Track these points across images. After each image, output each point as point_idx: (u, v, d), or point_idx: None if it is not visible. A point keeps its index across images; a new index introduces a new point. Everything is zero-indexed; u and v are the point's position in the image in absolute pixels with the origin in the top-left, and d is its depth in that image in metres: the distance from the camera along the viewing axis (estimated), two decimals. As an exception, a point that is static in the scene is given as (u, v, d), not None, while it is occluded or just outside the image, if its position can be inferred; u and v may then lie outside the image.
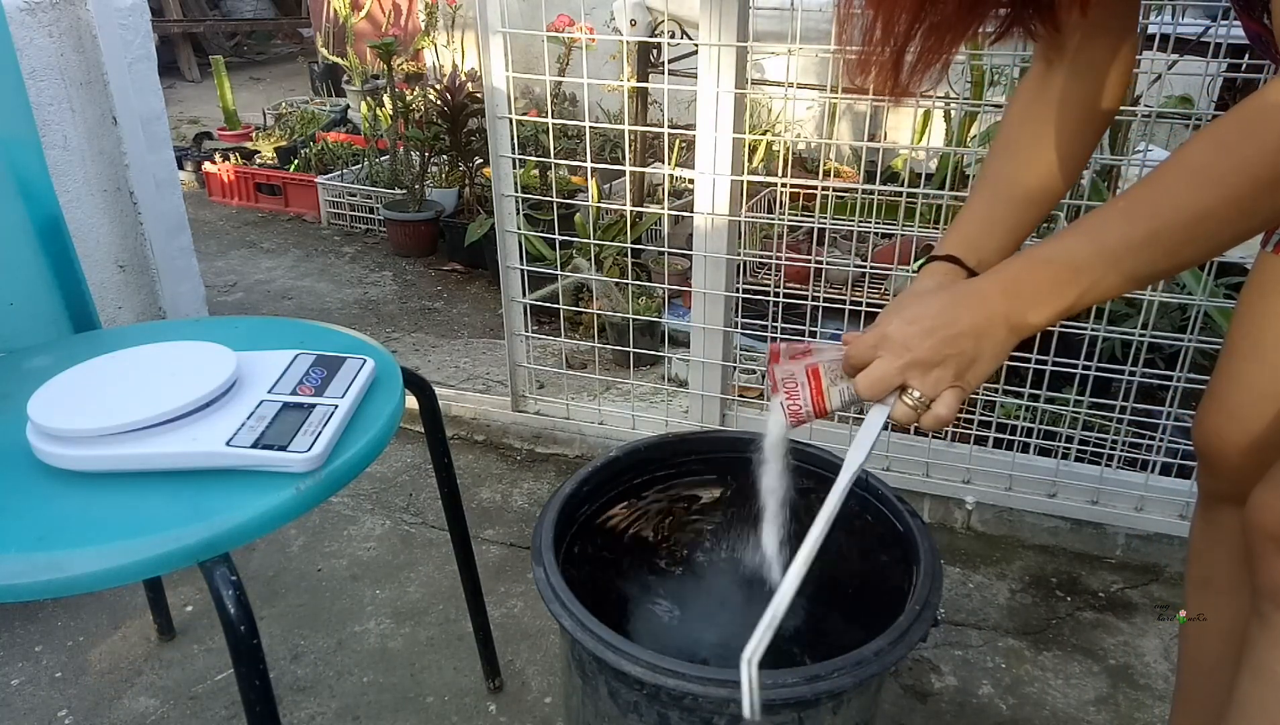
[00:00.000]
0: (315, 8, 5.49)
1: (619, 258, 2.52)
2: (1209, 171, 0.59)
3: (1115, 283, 0.64)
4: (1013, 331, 0.67)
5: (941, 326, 0.67)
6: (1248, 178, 0.57)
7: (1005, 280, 0.67)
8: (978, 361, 0.67)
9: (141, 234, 2.02)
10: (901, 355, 0.68)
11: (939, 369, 0.68)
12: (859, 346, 0.71)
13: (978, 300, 0.67)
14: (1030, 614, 1.51)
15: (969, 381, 0.68)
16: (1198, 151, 0.60)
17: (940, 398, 0.68)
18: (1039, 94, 0.83)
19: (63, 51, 1.80)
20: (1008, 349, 0.68)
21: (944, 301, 0.68)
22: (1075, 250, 0.64)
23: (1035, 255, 0.66)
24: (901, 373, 0.69)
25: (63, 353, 1.01)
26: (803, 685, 0.75)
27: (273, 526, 0.75)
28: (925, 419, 0.69)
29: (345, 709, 1.32)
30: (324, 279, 3.06)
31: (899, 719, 1.31)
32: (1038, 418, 1.67)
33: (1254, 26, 0.74)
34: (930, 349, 0.67)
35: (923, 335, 0.67)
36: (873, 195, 1.63)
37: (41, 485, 0.77)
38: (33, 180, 1.15)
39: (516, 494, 1.83)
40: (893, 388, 0.70)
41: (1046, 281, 0.65)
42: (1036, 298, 0.65)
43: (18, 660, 1.40)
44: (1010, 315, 0.66)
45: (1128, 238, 0.62)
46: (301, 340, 1.01)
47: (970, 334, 0.67)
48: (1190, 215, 0.60)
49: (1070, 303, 0.65)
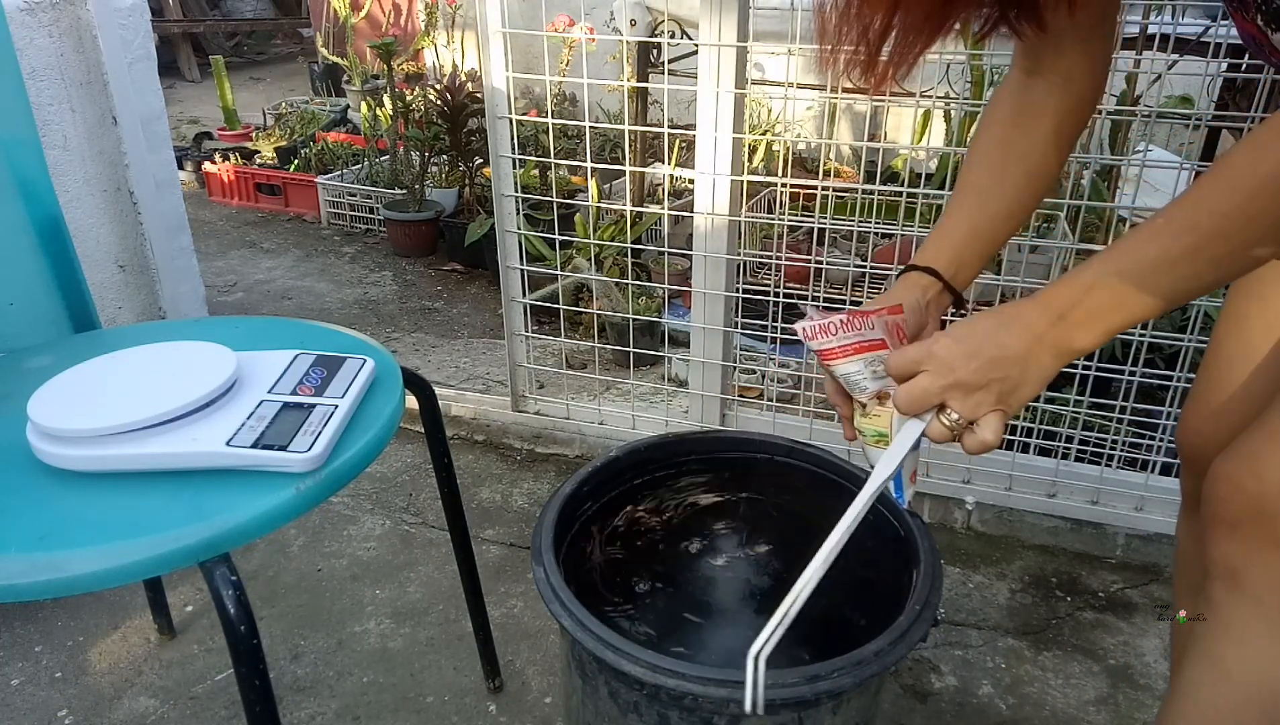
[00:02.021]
0: (315, 8, 5.49)
1: (619, 258, 2.52)
2: (1248, 179, 0.58)
3: (1162, 298, 0.64)
4: (1058, 357, 0.67)
5: (988, 350, 0.67)
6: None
7: (1052, 306, 0.66)
8: (1022, 386, 0.67)
9: (141, 234, 2.02)
10: (945, 375, 0.68)
11: (981, 392, 0.67)
12: (902, 358, 0.71)
13: (1024, 325, 0.67)
14: (1030, 614, 1.51)
15: (1012, 405, 0.68)
16: (1235, 160, 0.60)
17: (984, 421, 0.68)
18: (1020, 105, 0.82)
19: (63, 51, 1.80)
20: (1053, 373, 0.68)
21: (991, 325, 0.68)
22: (1117, 271, 0.64)
23: (1079, 280, 0.66)
24: (943, 392, 0.68)
25: (63, 353, 1.01)
26: (803, 685, 0.75)
27: (273, 526, 0.75)
28: (969, 442, 0.69)
29: (345, 709, 1.32)
30: (324, 279, 3.06)
31: (899, 719, 1.31)
32: (1038, 418, 1.67)
33: (1248, 27, 0.73)
34: (975, 372, 0.67)
35: (968, 357, 0.67)
36: (873, 195, 1.63)
37: (41, 485, 0.77)
38: (33, 180, 1.15)
39: (516, 494, 1.83)
40: (931, 406, 0.70)
41: (1093, 305, 0.65)
42: (1082, 322, 0.65)
43: (18, 660, 1.40)
44: (1057, 341, 0.66)
45: (1169, 253, 0.62)
46: (301, 340, 1.01)
47: (1017, 360, 0.66)
48: (1230, 227, 0.60)
49: (1117, 324, 0.65)
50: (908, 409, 0.70)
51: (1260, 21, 0.69)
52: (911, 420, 0.71)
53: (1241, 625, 0.76)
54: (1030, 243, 1.67)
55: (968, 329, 0.69)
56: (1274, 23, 0.69)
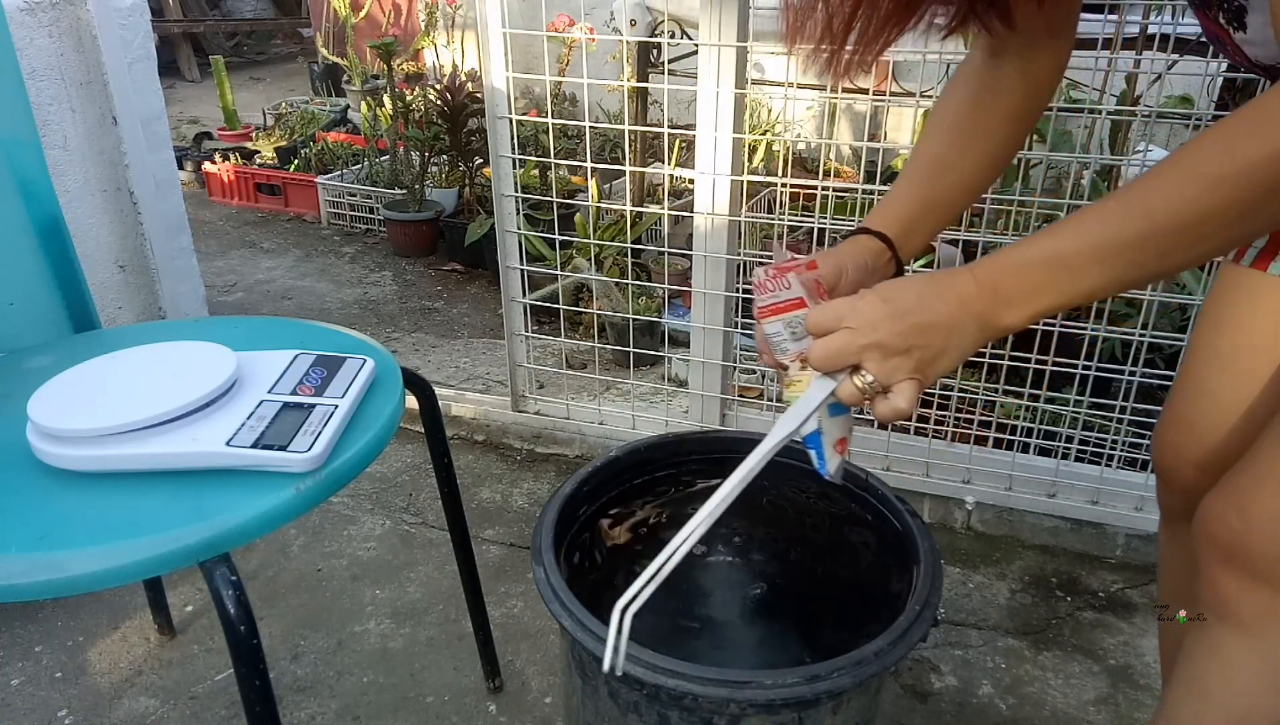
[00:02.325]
0: (315, 8, 5.49)
1: (619, 258, 2.52)
2: (1209, 173, 0.56)
3: (1099, 284, 0.61)
4: (983, 331, 0.64)
5: (915, 313, 0.64)
6: (1250, 181, 0.55)
7: (987, 278, 0.64)
8: (942, 356, 0.65)
9: (141, 234, 2.02)
10: (867, 334, 0.64)
11: (900, 357, 0.64)
12: (825, 312, 0.67)
13: (955, 294, 0.64)
14: (1030, 614, 1.51)
15: (929, 375, 0.65)
16: (1198, 153, 0.58)
17: (899, 387, 0.65)
18: (981, 85, 0.81)
19: (63, 51, 1.80)
20: (975, 347, 0.65)
21: (921, 288, 0.65)
22: (1060, 250, 0.61)
23: (1019, 255, 0.63)
24: (861, 352, 0.65)
25: (63, 353, 1.01)
26: (803, 685, 0.75)
27: (273, 526, 0.75)
28: (882, 408, 0.66)
29: (345, 709, 1.32)
30: (324, 279, 3.06)
31: (899, 719, 1.31)
32: (1038, 418, 1.67)
33: (1210, 25, 0.73)
34: (898, 334, 0.64)
35: (893, 317, 0.64)
36: (873, 195, 1.62)
37: (41, 485, 0.77)
38: (33, 180, 1.15)
39: (516, 494, 1.83)
40: (847, 364, 0.66)
41: (1028, 283, 0.62)
42: (1015, 300, 0.63)
43: (18, 660, 1.40)
44: (985, 314, 0.64)
45: (1117, 238, 0.59)
46: (301, 340, 1.01)
47: (942, 327, 0.64)
48: (1187, 217, 0.57)
49: (1050, 306, 0.63)
50: (822, 365, 0.67)
51: (1222, 20, 0.69)
52: (823, 377, 0.68)
53: (1229, 652, 0.78)
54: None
55: (897, 289, 0.66)
56: (1235, 21, 0.68)
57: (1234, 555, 0.75)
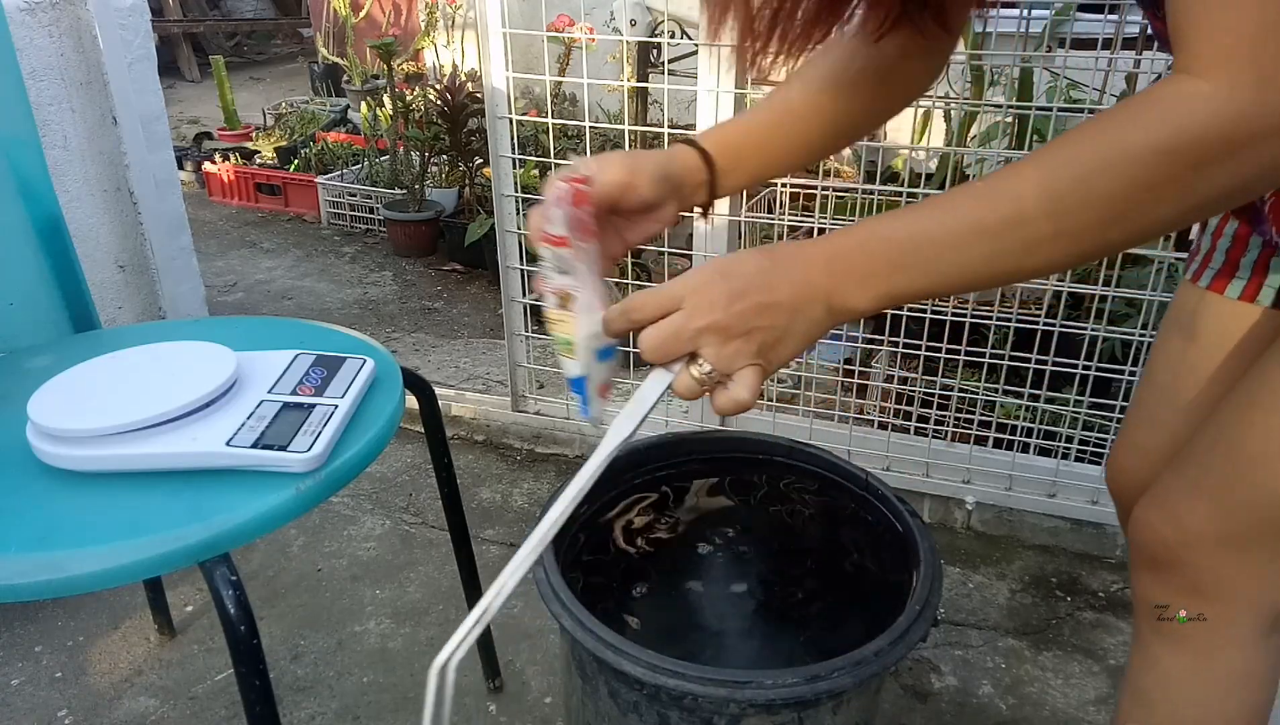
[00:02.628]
0: (315, 8, 5.49)
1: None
2: (1085, 162, 0.51)
3: (958, 272, 0.55)
4: (830, 312, 0.58)
5: (755, 292, 0.57)
6: (1126, 175, 0.50)
7: (833, 253, 0.58)
8: (785, 339, 0.58)
9: (141, 234, 2.02)
10: (704, 315, 0.57)
11: (740, 341, 0.57)
12: (656, 295, 0.60)
13: (800, 270, 0.58)
14: (1030, 614, 1.51)
15: (771, 361, 0.59)
16: (1077, 141, 0.52)
17: (739, 376, 0.59)
18: (867, 60, 0.76)
19: (63, 51, 1.80)
20: (821, 331, 0.59)
21: (762, 263, 0.58)
22: (917, 229, 0.56)
23: (871, 229, 0.57)
24: (697, 336, 0.58)
25: (63, 353, 1.01)
26: (803, 685, 0.75)
27: (273, 526, 0.75)
28: (721, 399, 0.60)
29: (345, 709, 1.32)
30: (324, 279, 3.06)
31: (899, 719, 1.31)
32: (1038, 418, 1.67)
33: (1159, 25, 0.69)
34: (738, 315, 0.57)
35: (732, 297, 0.57)
36: (873, 195, 1.62)
37: (41, 485, 0.77)
38: (33, 180, 1.15)
39: (516, 494, 1.83)
40: (683, 352, 0.59)
41: (881, 262, 0.56)
42: (863, 278, 0.57)
43: (18, 660, 1.40)
44: (832, 293, 0.57)
45: (980, 221, 0.54)
46: (301, 340, 1.01)
47: (786, 307, 0.57)
48: (1057, 207, 0.51)
49: (902, 289, 0.57)
50: (654, 355, 0.60)
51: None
52: (657, 370, 0.61)
53: (1166, 664, 0.78)
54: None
55: (735, 265, 0.59)
56: None
57: (1167, 566, 0.75)
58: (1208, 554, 0.72)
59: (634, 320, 0.61)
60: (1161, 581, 0.76)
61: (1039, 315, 1.59)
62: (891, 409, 1.79)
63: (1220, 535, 0.71)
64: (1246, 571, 0.71)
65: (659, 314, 0.59)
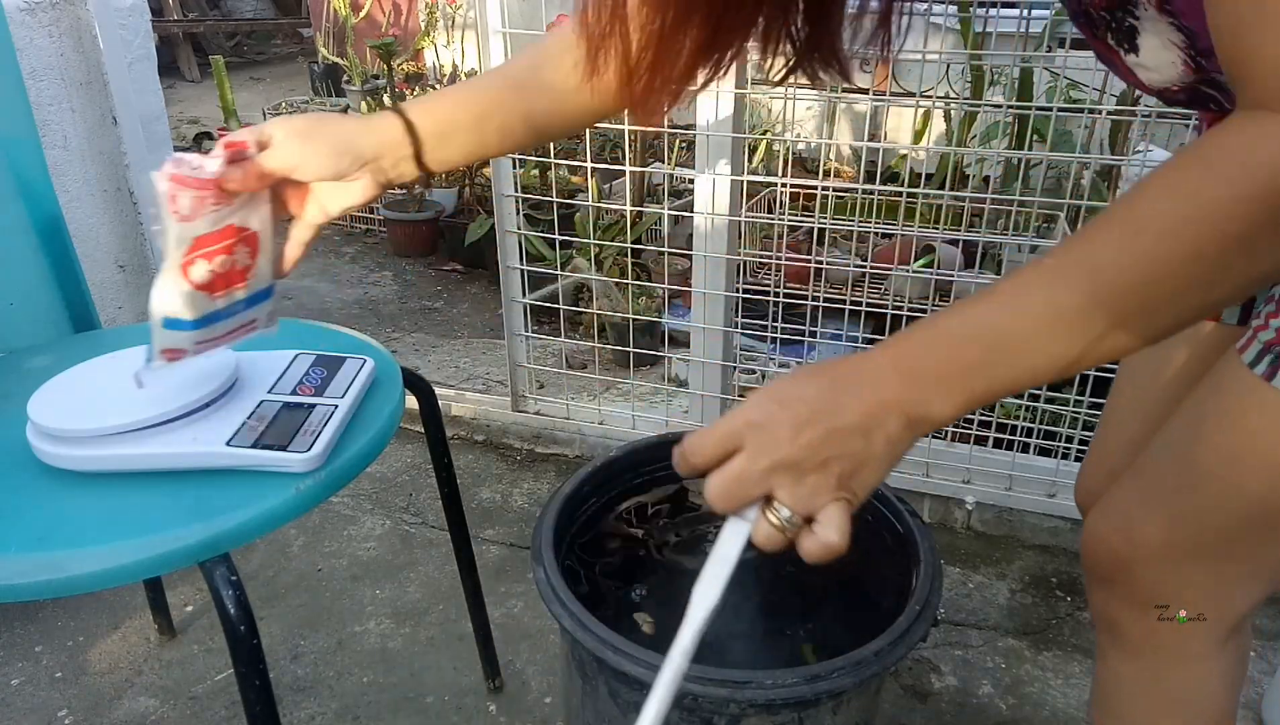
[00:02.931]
0: (315, 8, 5.49)
1: (619, 258, 2.52)
2: (1163, 222, 0.46)
3: (1048, 361, 0.49)
4: (910, 425, 0.51)
5: (821, 416, 0.51)
6: (1213, 229, 0.45)
7: (903, 359, 0.52)
8: (866, 463, 0.51)
9: (141, 234, 2.02)
10: (769, 452, 0.51)
11: (815, 475, 0.51)
12: (712, 436, 0.53)
13: (869, 385, 0.51)
14: (1030, 614, 1.51)
15: (857, 491, 0.52)
16: (1146, 200, 0.47)
17: (824, 515, 0.52)
18: (562, 79, 0.74)
19: (63, 51, 1.80)
20: (906, 447, 0.52)
21: (825, 383, 0.52)
22: (991, 322, 0.50)
23: (940, 328, 0.51)
24: (767, 477, 0.51)
25: (63, 353, 1.01)
26: (803, 685, 0.75)
27: (273, 526, 0.75)
28: (808, 545, 0.52)
29: (345, 709, 1.32)
30: (324, 279, 3.06)
31: (899, 719, 1.31)
32: (1038, 418, 1.67)
33: (1098, 46, 0.66)
34: (806, 447, 0.50)
35: (796, 428, 0.51)
36: (873, 195, 1.63)
37: (41, 485, 0.77)
38: (33, 180, 1.15)
39: (516, 494, 1.83)
40: (754, 497, 0.52)
41: (954, 363, 0.50)
42: (941, 384, 0.51)
43: (18, 660, 1.40)
44: (908, 405, 0.51)
45: (1057, 306, 0.48)
46: (301, 340, 1.01)
47: (858, 428, 0.51)
48: (1141, 275, 0.47)
49: (983, 391, 0.51)
50: (725, 504, 0.53)
51: (1111, 40, 0.63)
52: (731, 520, 0.54)
53: (1126, 676, 0.78)
54: (1030, 242, 1.67)
55: (794, 388, 0.52)
56: (1126, 43, 0.62)
57: (1120, 580, 0.74)
58: (1159, 566, 0.71)
59: (694, 465, 0.54)
60: (1116, 595, 0.75)
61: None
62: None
63: (1172, 548, 0.70)
64: (1199, 583, 0.71)
65: (719, 456, 0.53)
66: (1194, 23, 0.55)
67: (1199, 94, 0.63)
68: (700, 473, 0.54)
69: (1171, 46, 0.59)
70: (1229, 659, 0.75)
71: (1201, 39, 0.56)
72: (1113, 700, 0.79)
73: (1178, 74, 0.61)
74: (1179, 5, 0.55)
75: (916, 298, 1.72)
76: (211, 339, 0.76)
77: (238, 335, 0.79)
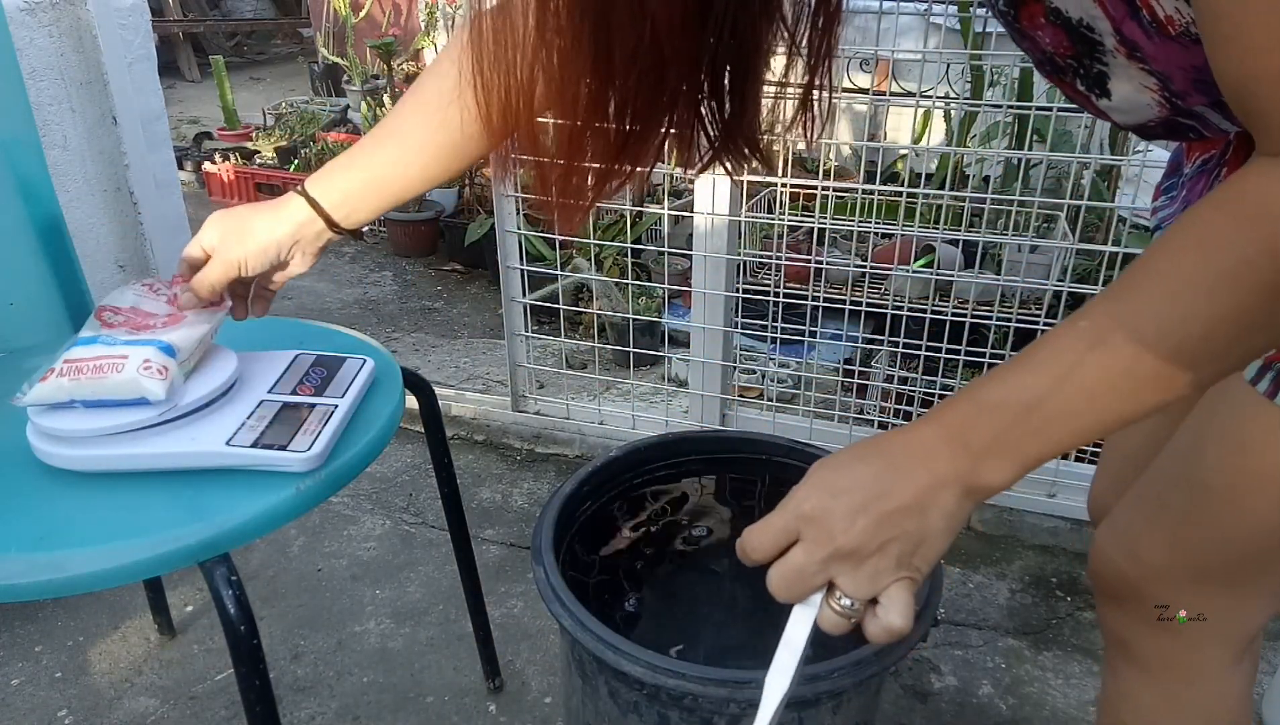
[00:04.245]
0: (315, 8, 5.49)
1: (619, 258, 2.52)
2: (1201, 279, 0.46)
3: (1093, 424, 0.49)
4: (968, 494, 0.51)
5: (875, 501, 0.51)
6: (1254, 281, 0.44)
7: (952, 432, 0.51)
8: (926, 541, 0.51)
9: (141, 234, 2.02)
10: (824, 543, 0.52)
11: (874, 559, 0.51)
12: (765, 532, 0.55)
13: (920, 462, 0.51)
14: (1030, 614, 1.51)
15: (919, 567, 0.52)
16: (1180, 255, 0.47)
17: (887, 598, 0.52)
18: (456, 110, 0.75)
19: (63, 51, 1.80)
20: (964, 517, 0.52)
21: (875, 466, 0.52)
22: (1036, 390, 0.49)
23: (985, 398, 0.51)
24: (825, 568, 0.52)
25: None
26: (803, 685, 0.75)
27: (273, 526, 0.75)
28: (873, 630, 0.53)
29: (345, 709, 1.32)
30: (324, 279, 3.06)
31: (899, 719, 1.31)
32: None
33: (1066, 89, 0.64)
34: (861, 533, 0.51)
35: (850, 515, 0.51)
36: (873, 195, 1.62)
37: (41, 485, 0.77)
38: (33, 180, 1.15)
39: (516, 494, 1.83)
40: (815, 587, 0.54)
41: (1004, 433, 0.50)
42: (993, 451, 0.50)
43: (18, 660, 1.40)
44: (963, 477, 0.51)
45: (1102, 372, 0.48)
46: (301, 340, 1.01)
47: (914, 507, 0.51)
48: (1184, 336, 0.46)
49: (1039, 454, 0.50)
50: (787, 596, 0.54)
51: (1081, 86, 0.62)
52: (797, 608, 0.55)
53: (1138, 696, 0.77)
54: (1030, 242, 1.67)
55: (846, 475, 0.53)
56: (1097, 89, 0.61)
57: (1129, 600, 0.74)
58: (1168, 588, 0.71)
59: (754, 560, 0.56)
60: (1126, 613, 0.75)
61: (1039, 315, 1.59)
62: (891, 409, 1.79)
63: (1180, 569, 0.70)
64: (1210, 603, 0.70)
65: (776, 549, 0.54)
66: (1164, 68, 0.55)
67: (1177, 125, 0.62)
68: (761, 566, 0.55)
69: (1145, 90, 0.58)
70: (1243, 675, 0.75)
71: (1175, 81, 0.55)
72: (1124, 716, 0.79)
73: (1154, 113, 0.61)
74: (1149, 52, 0.54)
75: (916, 298, 1.72)
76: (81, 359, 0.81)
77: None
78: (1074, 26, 0.56)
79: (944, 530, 0.52)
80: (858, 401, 1.94)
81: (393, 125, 0.81)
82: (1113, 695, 0.80)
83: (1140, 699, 0.77)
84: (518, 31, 0.54)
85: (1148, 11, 0.51)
